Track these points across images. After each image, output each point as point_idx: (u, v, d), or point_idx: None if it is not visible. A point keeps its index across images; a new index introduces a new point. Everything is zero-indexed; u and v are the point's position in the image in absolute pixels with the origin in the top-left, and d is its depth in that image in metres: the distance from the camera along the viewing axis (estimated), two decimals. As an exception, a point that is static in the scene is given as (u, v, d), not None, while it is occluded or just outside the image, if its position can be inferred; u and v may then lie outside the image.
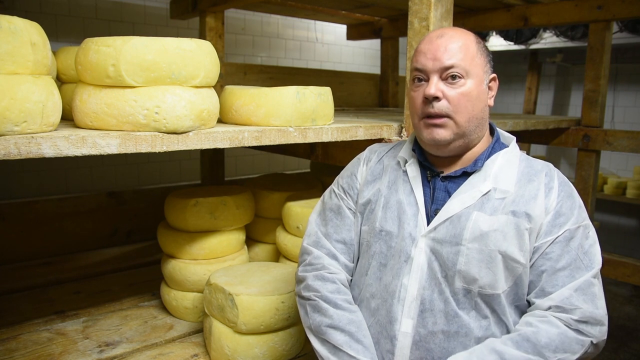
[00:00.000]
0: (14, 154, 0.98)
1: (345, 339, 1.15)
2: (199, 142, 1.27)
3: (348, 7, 3.11)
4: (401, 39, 3.69)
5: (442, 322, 1.10)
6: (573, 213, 1.10)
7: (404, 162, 1.26)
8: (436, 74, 1.13)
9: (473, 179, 1.15)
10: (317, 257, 1.29)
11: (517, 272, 1.09)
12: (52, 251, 2.59)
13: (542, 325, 1.04)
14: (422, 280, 1.13)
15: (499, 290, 1.08)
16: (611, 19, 2.60)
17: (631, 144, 2.67)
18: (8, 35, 0.98)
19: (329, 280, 1.24)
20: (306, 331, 1.25)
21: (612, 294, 4.32)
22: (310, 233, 1.35)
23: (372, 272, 1.22)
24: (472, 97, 1.12)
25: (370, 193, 1.27)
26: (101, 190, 2.87)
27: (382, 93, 3.80)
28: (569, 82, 5.25)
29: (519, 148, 1.23)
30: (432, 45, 1.14)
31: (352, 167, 1.37)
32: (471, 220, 1.10)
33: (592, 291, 1.06)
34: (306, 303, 1.25)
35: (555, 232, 1.09)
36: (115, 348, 1.71)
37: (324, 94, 1.62)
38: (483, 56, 1.16)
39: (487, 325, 1.09)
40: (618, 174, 4.96)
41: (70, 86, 1.48)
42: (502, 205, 1.11)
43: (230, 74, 2.86)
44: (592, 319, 1.04)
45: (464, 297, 1.10)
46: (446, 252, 1.11)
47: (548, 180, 1.14)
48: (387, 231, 1.20)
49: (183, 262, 1.91)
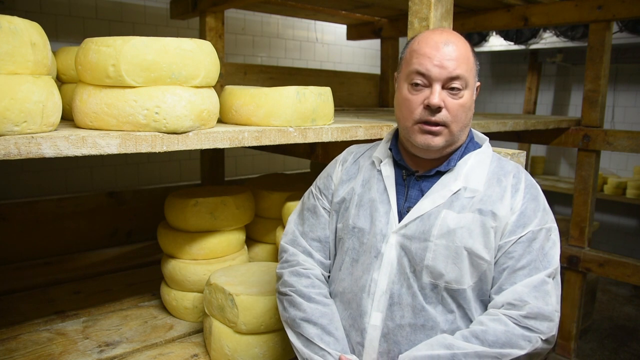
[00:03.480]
0: (14, 154, 0.98)
1: (317, 331, 1.20)
2: (199, 142, 1.27)
3: (348, 7, 3.11)
4: (401, 39, 3.69)
5: (410, 315, 1.14)
6: (537, 215, 1.14)
7: (378, 162, 1.29)
8: (439, 83, 1.13)
9: (445, 179, 1.19)
10: (293, 254, 1.34)
11: (481, 269, 1.13)
12: (52, 251, 2.59)
13: (492, 324, 1.07)
14: (392, 275, 1.17)
15: (464, 285, 1.12)
16: (611, 19, 2.61)
17: (631, 144, 2.67)
18: (8, 35, 0.98)
19: (303, 276, 1.29)
20: (284, 325, 1.29)
21: (612, 294, 4.32)
22: (287, 232, 1.41)
23: (345, 267, 1.26)
24: (467, 108, 1.17)
25: (344, 192, 1.32)
26: (101, 190, 2.87)
27: (382, 93, 3.80)
28: (569, 82, 5.25)
29: (491, 148, 1.27)
30: (439, 52, 1.13)
31: (329, 168, 1.42)
32: (440, 218, 1.15)
33: (544, 289, 1.09)
34: (283, 298, 1.30)
35: (518, 232, 1.12)
36: (115, 348, 1.71)
37: (324, 94, 1.62)
38: (476, 64, 1.20)
39: (453, 319, 1.13)
40: (618, 174, 4.96)
41: (70, 86, 1.48)
42: (470, 203, 1.15)
43: (230, 74, 2.86)
44: (540, 315, 1.07)
45: (431, 291, 1.14)
46: (415, 248, 1.15)
47: (515, 181, 1.17)
48: (359, 228, 1.24)
49: (183, 262, 1.91)
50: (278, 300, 1.33)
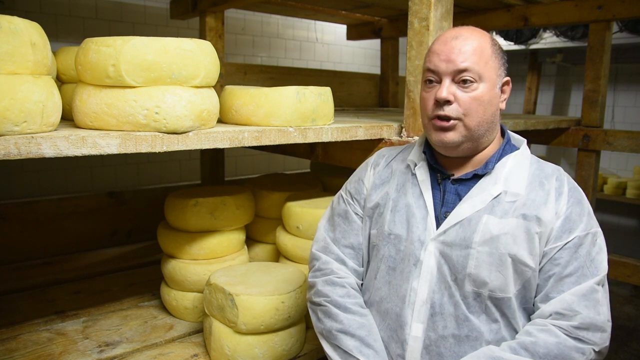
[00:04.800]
0: (14, 154, 0.98)
1: (356, 344, 1.15)
2: (199, 142, 1.27)
3: (348, 7, 3.11)
4: (401, 39, 3.69)
5: (453, 325, 1.09)
6: (582, 220, 1.10)
7: (413, 166, 1.25)
8: (449, 77, 1.11)
9: (483, 182, 1.14)
10: (326, 262, 1.29)
11: (526, 276, 1.08)
12: (52, 251, 2.59)
13: (541, 335, 1.03)
14: (432, 283, 1.12)
15: (509, 293, 1.08)
16: (611, 19, 2.60)
17: (631, 144, 2.66)
18: (8, 35, 0.98)
19: (338, 285, 1.24)
20: (318, 337, 1.25)
21: (612, 294, 4.29)
22: (318, 239, 1.35)
23: (382, 275, 1.21)
24: (484, 101, 1.11)
25: (378, 197, 1.27)
26: (101, 190, 2.87)
27: (382, 93, 3.80)
28: (569, 82, 5.25)
29: (529, 151, 1.23)
30: (447, 46, 1.12)
31: (360, 172, 1.37)
32: (481, 224, 1.10)
33: (594, 297, 1.05)
34: (317, 308, 1.25)
35: (564, 238, 1.08)
36: (115, 348, 1.71)
37: (324, 94, 1.62)
38: (497, 59, 1.14)
39: (498, 329, 1.09)
40: (618, 174, 4.96)
41: (70, 86, 1.48)
42: (512, 208, 1.10)
43: (230, 74, 2.86)
44: (593, 326, 1.03)
45: (474, 300, 1.09)
46: (456, 256, 1.10)
47: (558, 184, 1.13)
48: (395, 234, 1.19)
49: (183, 262, 1.91)
50: (311, 310, 1.28)
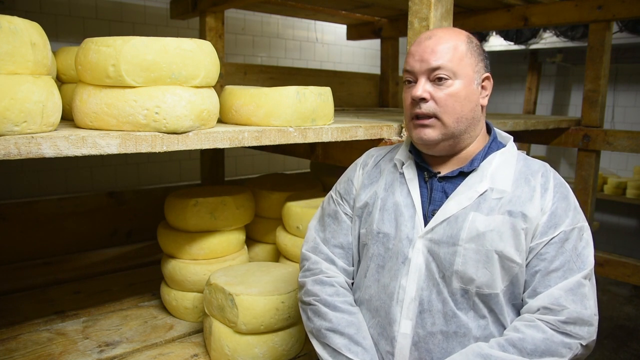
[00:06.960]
0: (14, 154, 0.98)
1: (345, 342, 1.16)
2: (199, 142, 1.27)
3: (348, 7, 3.11)
4: (401, 39, 3.69)
5: (441, 322, 1.11)
6: (568, 215, 1.11)
7: (400, 165, 1.27)
8: (424, 76, 1.14)
9: (470, 180, 1.16)
10: (315, 262, 1.30)
11: (513, 272, 1.09)
12: (52, 251, 2.59)
13: (528, 331, 1.04)
14: (420, 281, 1.13)
15: (496, 289, 1.09)
16: (611, 19, 2.60)
17: (631, 144, 2.66)
18: (8, 35, 0.98)
19: (327, 284, 1.25)
20: (308, 335, 1.25)
21: (612, 294, 4.32)
22: (308, 239, 1.37)
23: (371, 274, 1.23)
24: (460, 97, 1.13)
25: (367, 196, 1.28)
26: (101, 190, 2.87)
27: (382, 93, 3.80)
28: (569, 82, 5.25)
29: (516, 147, 1.23)
30: (420, 47, 1.16)
31: (349, 172, 1.39)
32: (468, 221, 1.11)
33: (581, 292, 1.06)
34: (307, 308, 1.26)
35: (550, 233, 1.09)
36: (115, 348, 1.71)
37: (324, 94, 1.62)
38: (474, 56, 1.16)
39: (486, 325, 1.10)
40: (618, 174, 4.96)
41: (70, 86, 1.48)
42: (498, 205, 1.11)
43: (230, 74, 2.86)
44: (580, 320, 1.04)
45: (462, 297, 1.10)
46: (443, 253, 1.12)
47: (544, 180, 1.14)
48: (384, 233, 1.21)
49: (183, 262, 1.91)
50: (301, 310, 1.29)
